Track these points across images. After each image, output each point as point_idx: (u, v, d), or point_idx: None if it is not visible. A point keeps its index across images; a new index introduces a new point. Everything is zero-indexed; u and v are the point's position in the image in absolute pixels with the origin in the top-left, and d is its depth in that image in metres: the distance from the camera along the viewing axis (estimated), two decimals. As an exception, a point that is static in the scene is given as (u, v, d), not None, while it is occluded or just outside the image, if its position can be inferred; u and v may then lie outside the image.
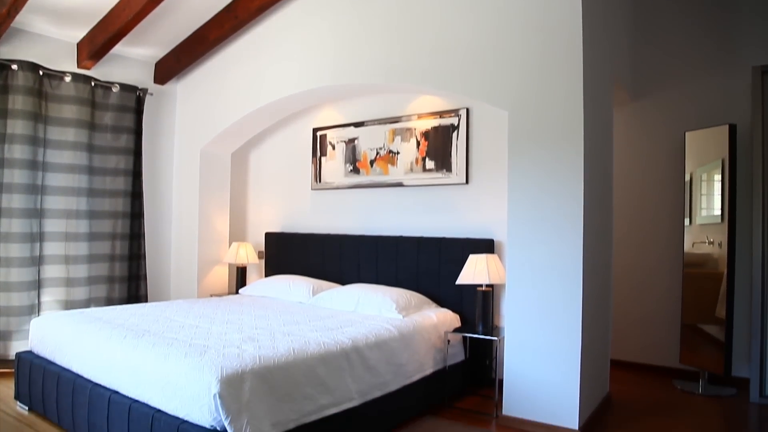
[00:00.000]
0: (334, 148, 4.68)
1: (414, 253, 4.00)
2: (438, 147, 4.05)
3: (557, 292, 2.96)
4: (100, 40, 4.16)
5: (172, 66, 4.90)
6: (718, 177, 3.83)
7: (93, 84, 4.43)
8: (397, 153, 4.28)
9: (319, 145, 4.79)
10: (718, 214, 3.83)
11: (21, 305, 3.98)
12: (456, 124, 3.97)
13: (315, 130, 4.82)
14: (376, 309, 3.52)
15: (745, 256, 3.75)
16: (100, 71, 4.56)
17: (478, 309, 3.41)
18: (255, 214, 5.33)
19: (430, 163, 4.10)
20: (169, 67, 4.93)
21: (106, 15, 4.06)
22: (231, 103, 4.68)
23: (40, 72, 4.10)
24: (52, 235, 4.21)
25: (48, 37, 4.25)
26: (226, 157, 5.21)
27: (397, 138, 4.29)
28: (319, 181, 4.78)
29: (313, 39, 4.14)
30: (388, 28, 3.73)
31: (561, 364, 2.92)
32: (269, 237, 5.01)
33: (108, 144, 4.55)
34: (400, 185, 4.26)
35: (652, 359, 4.29)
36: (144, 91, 4.79)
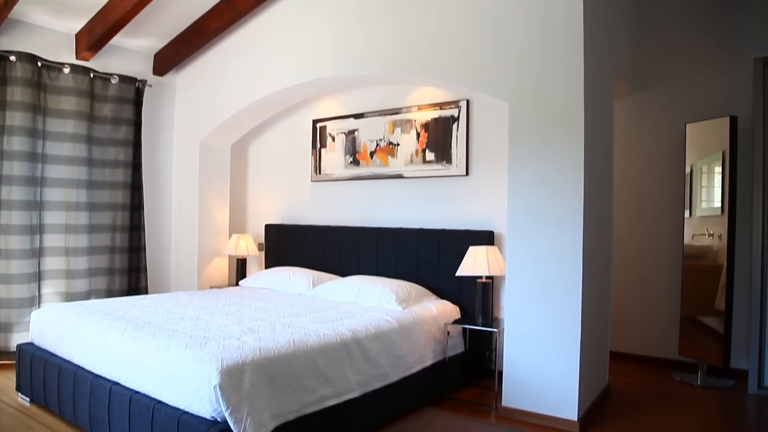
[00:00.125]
0: (334, 139, 4.67)
1: (414, 244, 4.00)
2: (438, 138, 4.04)
3: (557, 284, 2.96)
4: (99, 31, 4.13)
5: (172, 57, 4.88)
6: (718, 169, 3.82)
7: (92, 75, 4.41)
8: (397, 144, 4.27)
9: (319, 137, 4.78)
10: (718, 206, 3.83)
11: (21, 297, 3.99)
12: (456, 116, 3.95)
13: (315, 122, 4.80)
14: (376, 301, 3.53)
15: (745, 248, 3.75)
16: (99, 63, 4.54)
17: (477, 301, 3.42)
18: (255, 206, 5.33)
19: (430, 155, 4.09)
20: (168, 59, 4.90)
21: (105, 6, 4.03)
22: (230, 95, 4.66)
23: (39, 63, 4.09)
24: (52, 227, 4.21)
25: (46, 28, 4.23)
26: (226, 149, 5.20)
27: (397, 129, 4.27)
28: (319, 172, 4.78)
29: (313, 30, 4.12)
30: (388, 18, 3.71)
31: (560, 355, 2.93)
32: (269, 229, 5.01)
33: (107, 136, 4.54)
34: (400, 177, 4.25)
35: (651, 351, 4.30)
36: (143, 82, 4.77)
